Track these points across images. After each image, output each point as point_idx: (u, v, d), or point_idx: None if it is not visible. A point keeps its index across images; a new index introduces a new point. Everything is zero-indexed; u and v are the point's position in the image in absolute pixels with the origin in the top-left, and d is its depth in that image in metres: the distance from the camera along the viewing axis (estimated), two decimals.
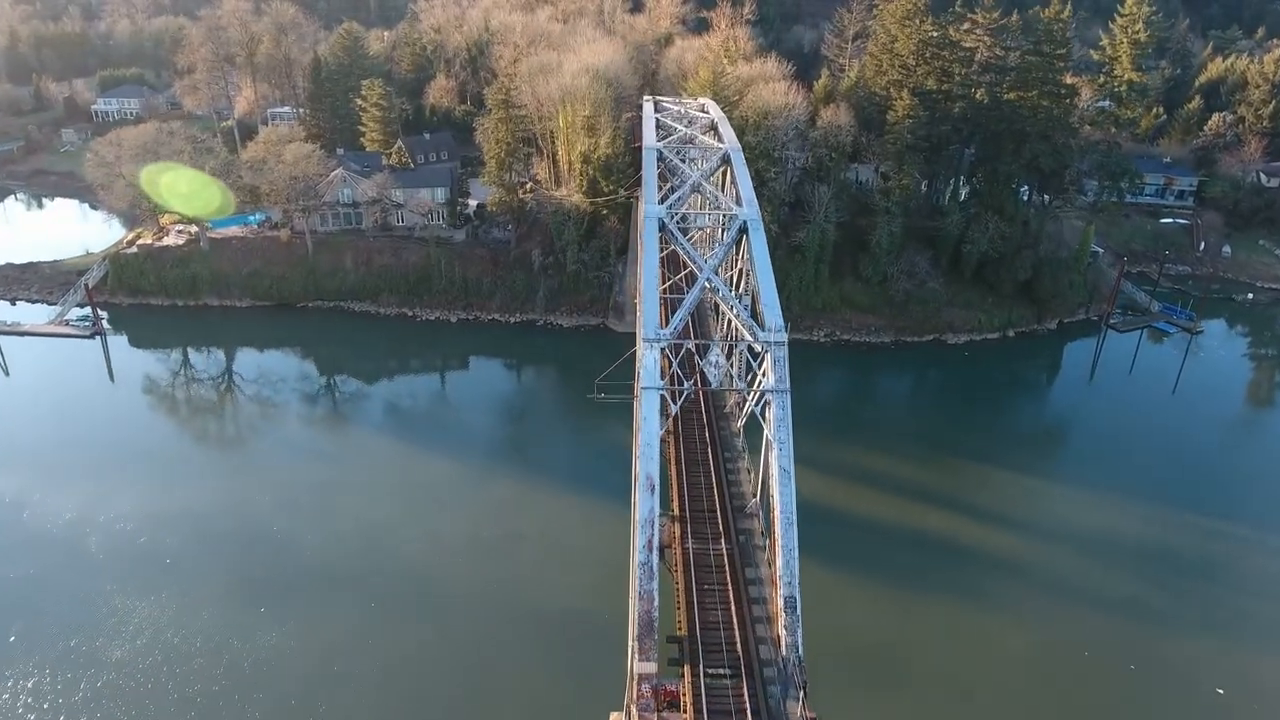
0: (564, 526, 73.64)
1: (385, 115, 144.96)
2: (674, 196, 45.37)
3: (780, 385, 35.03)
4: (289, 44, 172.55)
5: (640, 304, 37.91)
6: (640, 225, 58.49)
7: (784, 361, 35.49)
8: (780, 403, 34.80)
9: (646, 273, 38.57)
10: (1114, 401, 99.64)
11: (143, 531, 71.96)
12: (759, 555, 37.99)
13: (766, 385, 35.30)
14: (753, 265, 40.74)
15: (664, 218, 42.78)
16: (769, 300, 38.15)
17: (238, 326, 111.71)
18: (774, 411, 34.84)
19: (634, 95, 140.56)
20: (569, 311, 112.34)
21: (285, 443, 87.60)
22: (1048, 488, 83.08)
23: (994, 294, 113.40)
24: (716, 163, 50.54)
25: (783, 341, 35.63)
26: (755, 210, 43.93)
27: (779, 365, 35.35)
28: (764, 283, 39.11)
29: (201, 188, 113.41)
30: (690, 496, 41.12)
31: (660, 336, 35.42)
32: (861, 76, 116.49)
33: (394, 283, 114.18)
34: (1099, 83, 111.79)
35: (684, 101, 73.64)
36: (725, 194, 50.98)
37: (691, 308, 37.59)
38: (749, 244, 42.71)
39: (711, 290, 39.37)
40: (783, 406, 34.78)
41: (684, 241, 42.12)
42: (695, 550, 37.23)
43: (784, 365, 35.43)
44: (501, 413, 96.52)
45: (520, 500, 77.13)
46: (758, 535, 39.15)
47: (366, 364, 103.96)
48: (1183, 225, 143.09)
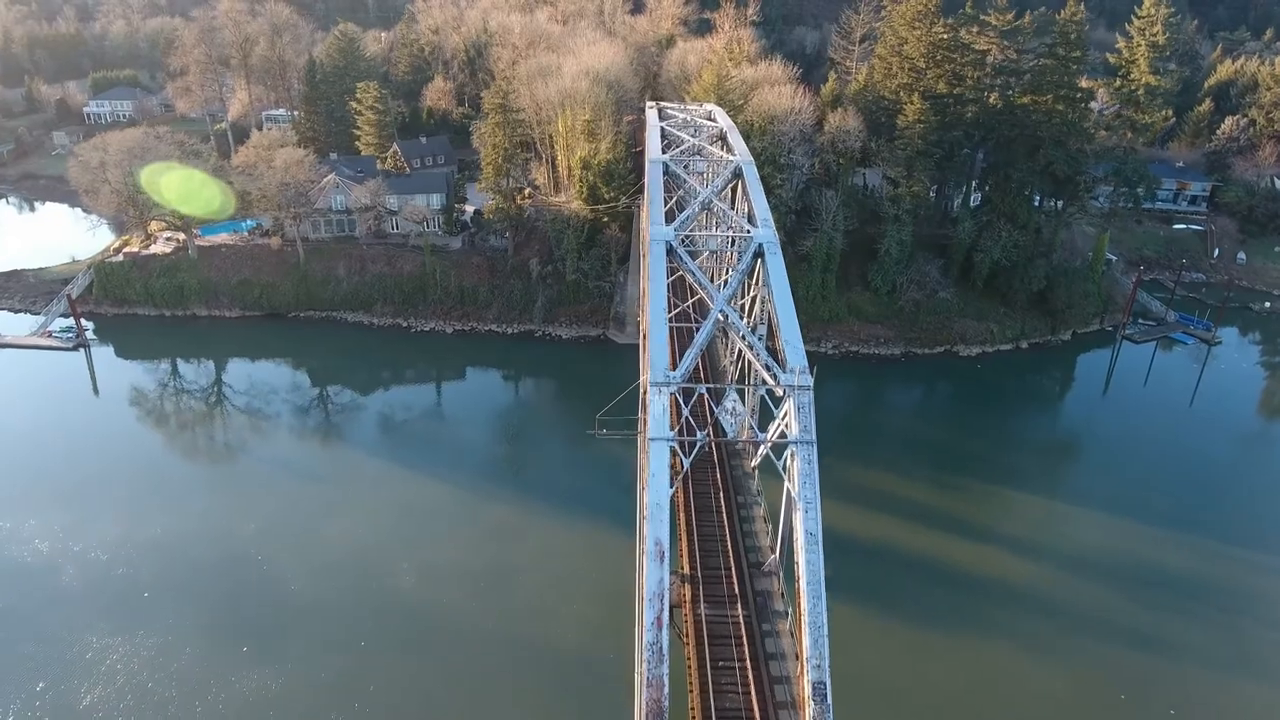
0: (564, 553, 69.58)
1: (380, 118, 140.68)
2: (682, 215, 41.19)
3: (805, 435, 30.90)
4: (283, 46, 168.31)
5: (645, 340, 33.74)
6: (643, 237, 54.31)
7: (809, 408, 31.35)
8: (805, 455, 30.66)
9: (653, 305, 34.41)
10: (1131, 416, 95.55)
11: (121, 560, 67.85)
12: (778, 620, 33.88)
13: (789, 435, 31.15)
14: (770, 294, 36.58)
15: (672, 241, 38.65)
16: (790, 336, 34.00)
17: (226, 337, 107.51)
18: (798, 465, 30.69)
19: (635, 98, 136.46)
20: (568, 322, 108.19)
21: (273, 462, 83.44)
22: (1067, 510, 78.87)
23: (1006, 304, 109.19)
24: (727, 177, 46.38)
25: (808, 386, 31.47)
26: (772, 231, 39.82)
27: (803, 413, 31.21)
28: (784, 315, 34.97)
29: (201, 186, 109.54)
30: (702, 550, 37.01)
31: (669, 380, 31.28)
32: (870, 80, 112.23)
33: (388, 292, 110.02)
34: (1115, 86, 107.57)
35: (689, 108, 69.49)
36: (737, 211, 46.86)
37: (704, 346, 33.45)
38: (765, 269, 38.60)
39: (726, 323, 35.25)
40: (808, 460, 30.65)
41: (694, 267, 37.98)
42: (709, 616, 33.12)
43: (809, 413, 31.29)
44: (498, 430, 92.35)
45: (518, 525, 73.02)
46: (777, 597, 35.02)
47: (359, 377, 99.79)
48: (1196, 231, 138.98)
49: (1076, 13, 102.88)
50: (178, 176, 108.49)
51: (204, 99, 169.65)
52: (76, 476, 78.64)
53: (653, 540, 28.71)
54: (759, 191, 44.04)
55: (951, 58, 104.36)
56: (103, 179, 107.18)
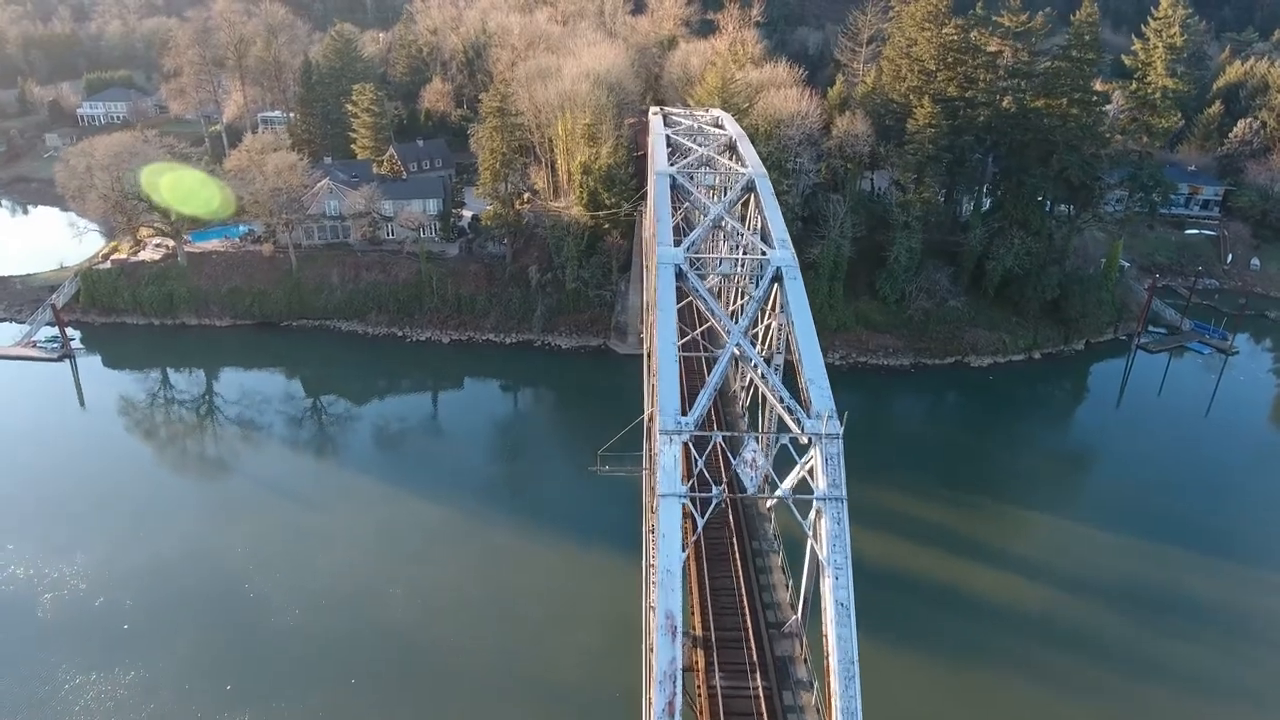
0: (565, 578, 66.04)
1: (377, 121, 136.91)
2: (692, 235, 37.60)
3: (834, 491, 27.34)
4: (279, 46, 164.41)
5: (654, 378, 30.17)
6: (649, 256, 50.84)
7: (839, 460, 27.79)
8: (835, 514, 27.11)
9: (661, 337, 30.83)
10: (1148, 429, 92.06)
11: (100, 590, 64.22)
12: (802, 692, 30.33)
13: (816, 490, 27.60)
14: (791, 325, 32.99)
15: (682, 264, 35.09)
16: (814, 374, 30.43)
17: (217, 347, 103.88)
18: (826, 525, 27.14)
19: (636, 100, 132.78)
20: (568, 331, 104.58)
21: (263, 480, 79.80)
22: (1084, 531, 75.11)
23: (1018, 313, 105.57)
24: (739, 191, 42.79)
25: (836, 434, 27.92)
26: (790, 253, 36.23)
27: (832, 465, 27.65)
28: (807, 350, 31.39)
29: (200, 186, 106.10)
30: (715, 606, 33.49)
31: (681, 427, 27.72)
32: (878, 82, 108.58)
33: (383, 300, 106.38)
34: (1131, 89, 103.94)
35: (695, 113, 65.91)
36: (749, 227, 43.28)
37: (718, 386, 29.90)
38: (784, 295, 35.01)
39: (742, 357, 31.68)
40: (838, 519, 27.10)
41: (706, 293, 34.41)
42: (725, 688, 29.59)
43: (839, 465, 27.73)
44: (496, 446, 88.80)
45: (517, 548, 69.44)
46: (800, 663, 31.50)
47: (352, 390, 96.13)
48: (1209, 237, 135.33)
49: (1091, 14, 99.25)
50: (176, 177, 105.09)
51: (198, 100, 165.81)
52: (57, 496, 75.11)
53: (663, 612, 25.19)
54: (774, 207, 40.45)
55: (963, 60, 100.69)
56: (89, 184, 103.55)
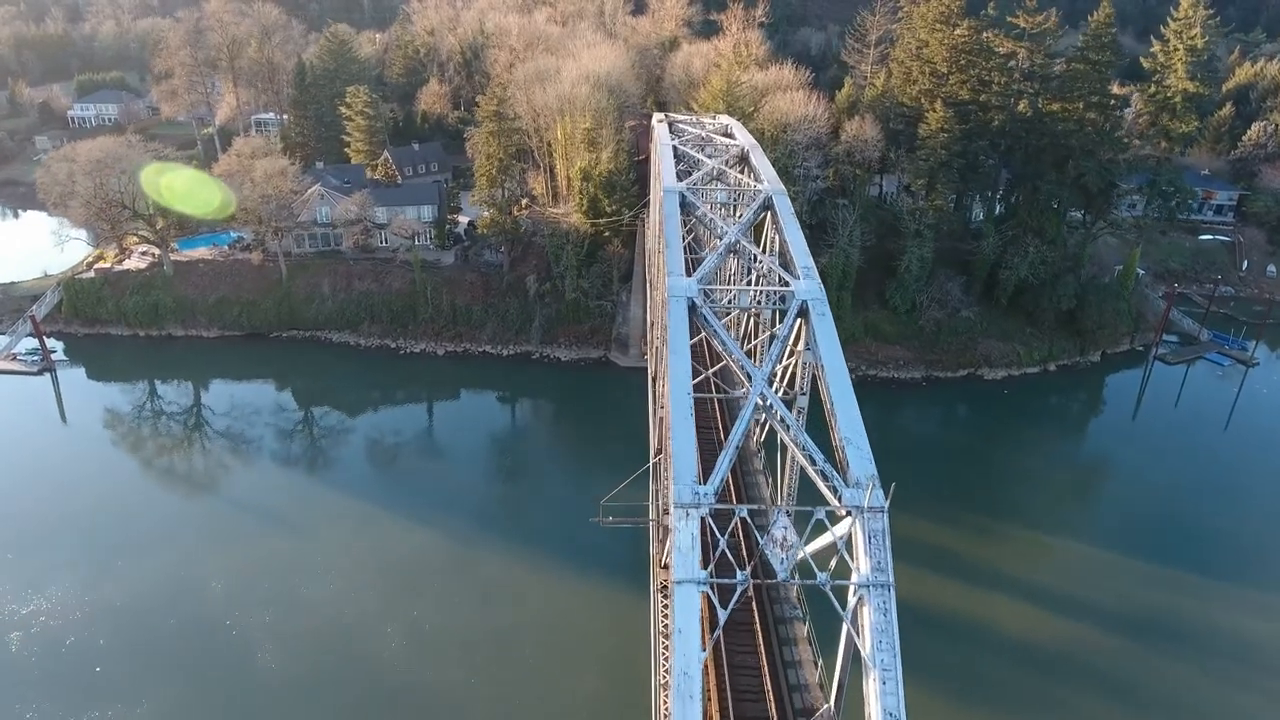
0: (569, 614, 61.76)
1: (371, 124, 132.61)
2: (706, 263, 33.34)
3: (879, 576, 23.09)
4: (273, 48, 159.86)
5: (666, 440, 25.91)
6: (658, 289, 46.66)
7: (884, 538, 23.56)
8: (880, 604, 22.85)
9: (674, 386, 26.54)
10: (1172, 444, 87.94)
11: (73, 628, 59.93)
12: None
13: (857, 574, 23.37)
14: (821, 369, 28.74)
15: (696, 298, 30.83)
16: (850, 430, 26.19)
17: (203, 360, 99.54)
18: (870, 616, 22.86)
19: (637, 103, 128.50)
20: (568, 343, 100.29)
21: (249, 505, 75.32)
22: (1107, 558, 70.80)
23: (1033, 323, 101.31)
24: (755, 211, 38.51)
25: (881, 508, 23.70)
26: (817, 284, 31.97)
27: (876, 544, 23.39)
28: (840, 401, 27.15)
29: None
30: (735, 688, 29.29)
31: (699, 500, 23.47)
32: (888, 85, 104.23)
33: (376, 311, 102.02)
34: (1149, 92, 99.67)
35: (702, 120, 61.63)
36: (766, 250, 39.02)
37: (740, 445, 25.67)
38: (811, 333, 30.75)
39: (766, 410, 27.46)
40: (884, 610, 22.83)
41: (723, 332, 30.15)
42: None
43: (884, 544, 23.49)
44: (493, 467, 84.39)
45: (517, 581, 65.02)
46: None
47: (343, 406, 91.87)
48: (1224, 243, 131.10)
49: (1108, 14, 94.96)
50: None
51: (190, 103, 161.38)
52: (32, 521, 70.88)
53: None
54: (796, 228, 36.17)
55: (976, 62, 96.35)
56: (71, 190, 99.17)
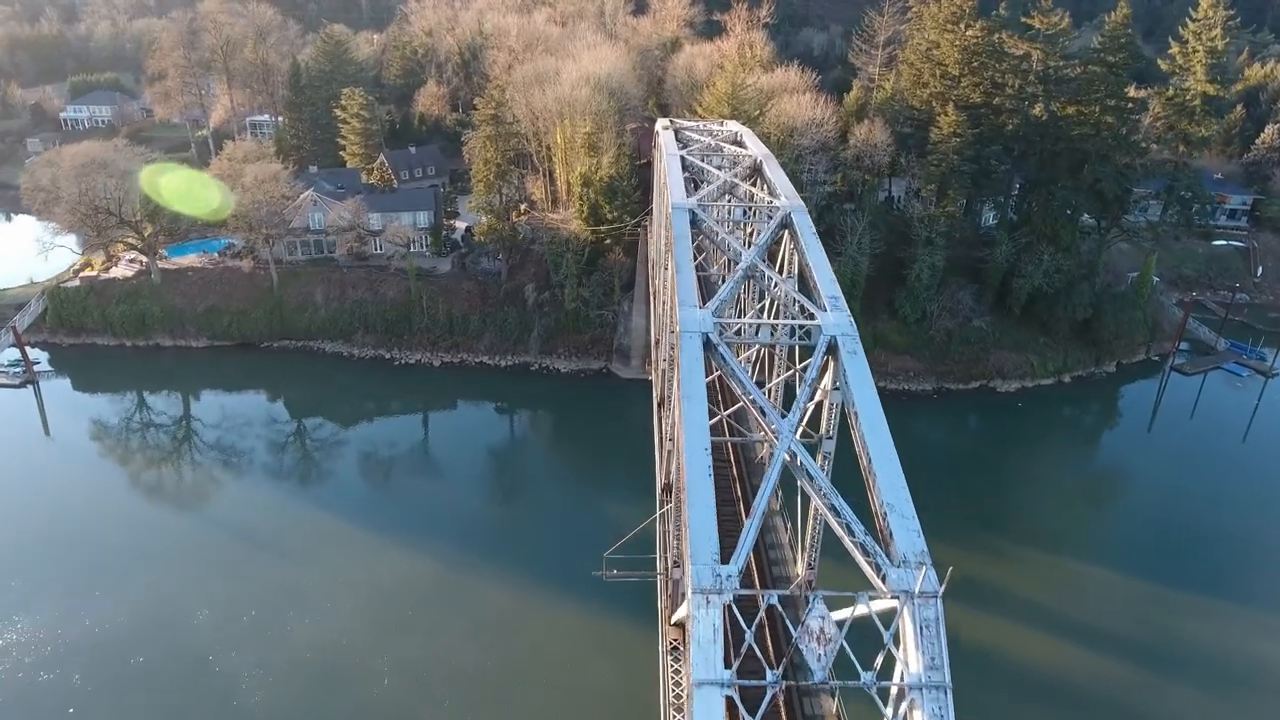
0: (571, 646, 58.07)
1: (366, 127, 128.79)
2: (722, 292, 29.64)
3: (934, 676, 19.40)
4: (267, 49, 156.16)
5: (680, 496, 22.26)
6: (673, 323, 43.16)
7: (938, 628, 19.88)
8: (935, 708, 19.15)
9: (690, 446, 22.86)
10: (1191, 457, 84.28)
11: (47, 663, 56.22)
12: None
13: (908, 674, 19.69)
14: (856, 418, 25.05)
15: (712, 333, 27.15)
16: (893, 494, 22.49)
17: (192, 371, 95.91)
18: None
19: (639, 106, 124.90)
20: (567, 354, 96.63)
21: (237, 527, 71.52)
22: (1128, 584, 67.30)
23: (1047, 333, 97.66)
24: (773, 230, 34.80)
25: (935, 594, 20.04)
26: (847, 317, 28.42)
27: (929, 636, 19.70)
28: (881, 459, 23.42)
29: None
30: None
31: (722, 584, 19.79)
32: (897, 88, 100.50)
33: (370, 320, 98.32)
34: (1167, 95, 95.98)
35: (709, 127, 57.97)
36: (783, 272, 35.35)
37: (765, 512, 22.00)
38: (842, 375, 27.04)
39: (795, 469, 23.78)
40: (940, 715, 19.17)
41: (742, 373, 26.48)
42: None
43: (938, 635, 19.80)
44: (492, 485, 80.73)
45: (516, 611, 61.23)
46: None
47: (336, 420, 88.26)
48: (1238, 248, 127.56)
49: (1126, 15, 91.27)
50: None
51: (184, 104, 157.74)
52: (6, 546, 67.32)
53: None
54: (819, 251, 32.49)
55: (989, 64, 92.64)
56: (55, 196, 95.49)
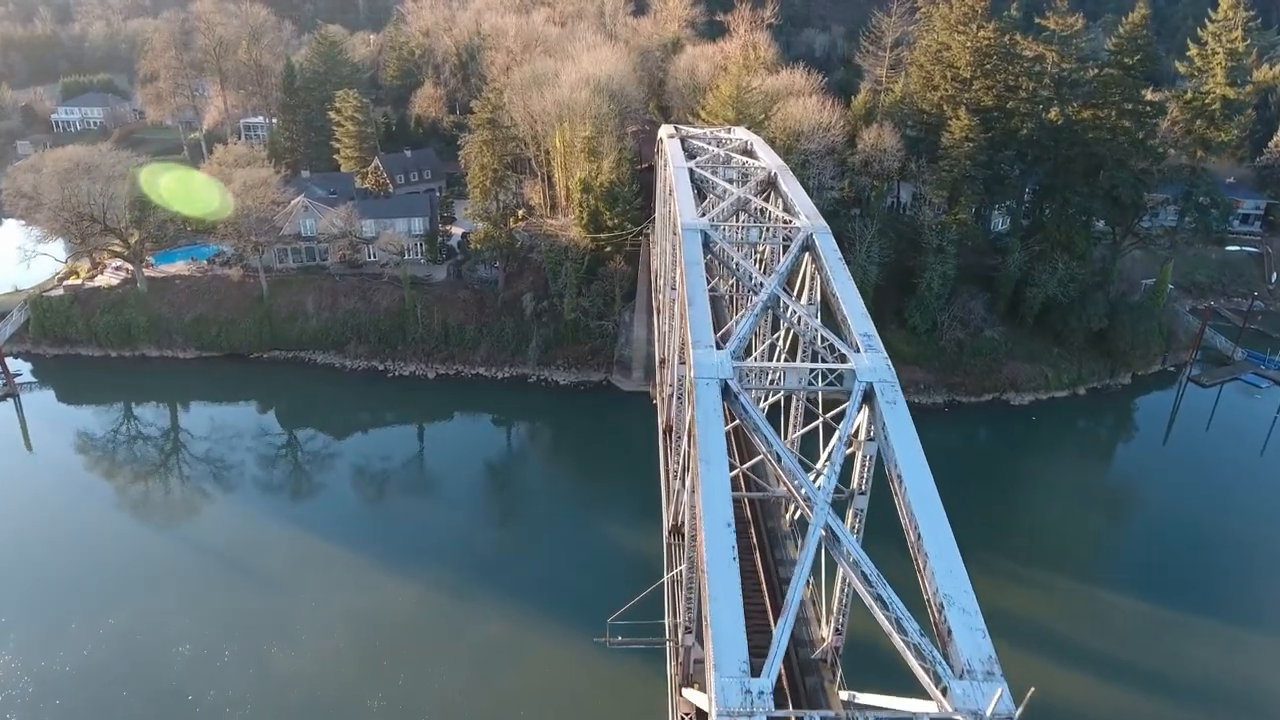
0: (573, 681, 54.57)
1: (361, 130, 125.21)
2: (740, 329, 26.04)
3: None
4: (261, 50, 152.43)
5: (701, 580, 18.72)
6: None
7: None
8: None
9: (710, 521, 19.29)
10: (1209, 472, 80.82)
11: (16, 704, 52.76)
12: None
13: None
14: (899, 482, 21.51)
15: (731, 380, 23.55)
16: (952, 586, 18.87)
17: (178, 382, 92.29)
18: None
19: (639, 108, 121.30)
20: (566, 365, 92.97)
21: (221, 551, 67.80)
22: (1157, 614, 64.00)
23: (1060, 343, 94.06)
24: (794, 254, 31.15)
25: (1011, 716, 16.48)
26: (884, 360, 24.93)
27: None
28: (932, 536, 19.89)
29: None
30: None
31: (753, 704, 16.21)
32: (906, 90, 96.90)
33: (363, 330, 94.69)
34: (1185, 99, 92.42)
35: (716, 134, 54.37)
36: (803, 299, 31.74)
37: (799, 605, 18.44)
38: (878, 427, 23.46)
39: (833, 545, 20.23)
40: None
41: (766, 426, 22.91)
42: None
43: None
44: (488, 505, 77.09)
45: (514, 643, 57.73)
46: None
47: (326, 435, 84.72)
48: (1251, 254, 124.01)
49: (1144, 15, 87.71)
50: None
51: (176, 106, 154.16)
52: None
53: None
54: (847, 281, 28.80)
55: (1003, 67, 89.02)
56: (37, 203, 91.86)
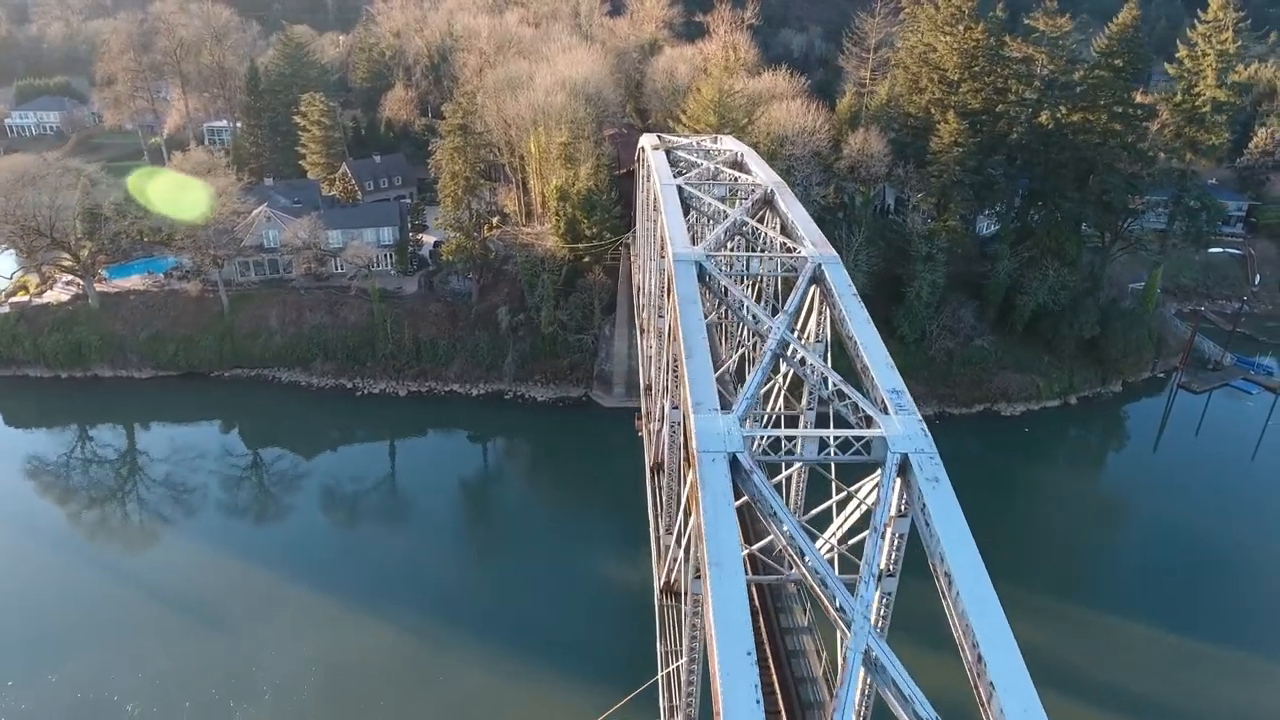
0: None
1: (328, 135, 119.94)
2: (750, 386, 22.18)
3: None
4: (224, 51, 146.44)
5: None
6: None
7: None
8: None
9: (725, 650, 15.45)
10: (1201, 479, 78.62)
11: None
12: None
13: None
14: (951, 584, 17.72)
15: (740, 454, 19.64)
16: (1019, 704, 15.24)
17: (133, 404, 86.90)
18: None
19: (617, 111, 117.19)
20: (544, 381, 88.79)
21: (176, 590, 62.58)
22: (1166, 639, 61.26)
23: (1051, 352, 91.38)
24: (802, 290, 27.24)
25: None
26: (918, 424, 21.12)
27: None
28: (995, 648, 16.15)
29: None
30: None
31: None
32: (892, 93, 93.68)
33: (329, 346, 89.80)
34: (1175, 101, 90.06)
35: (704, 145, 50.45)
36: (811, 336, 27.90)
37: None
38: (916, 508, 19.68)
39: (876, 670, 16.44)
40: None
41: (784, 510, 19.03)
42: None
43: None
44: (462, 536, 72.39)
45: (491, 694, 53.48)
46: None
47: (290, 460, 79.88)
48: (1234, 256, 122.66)
49: (1134, 15, 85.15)
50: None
51: (135, 110, 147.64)
52: None
53: None
54: (866, 324, 25.02)
55: (992, 69, 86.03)
56: None
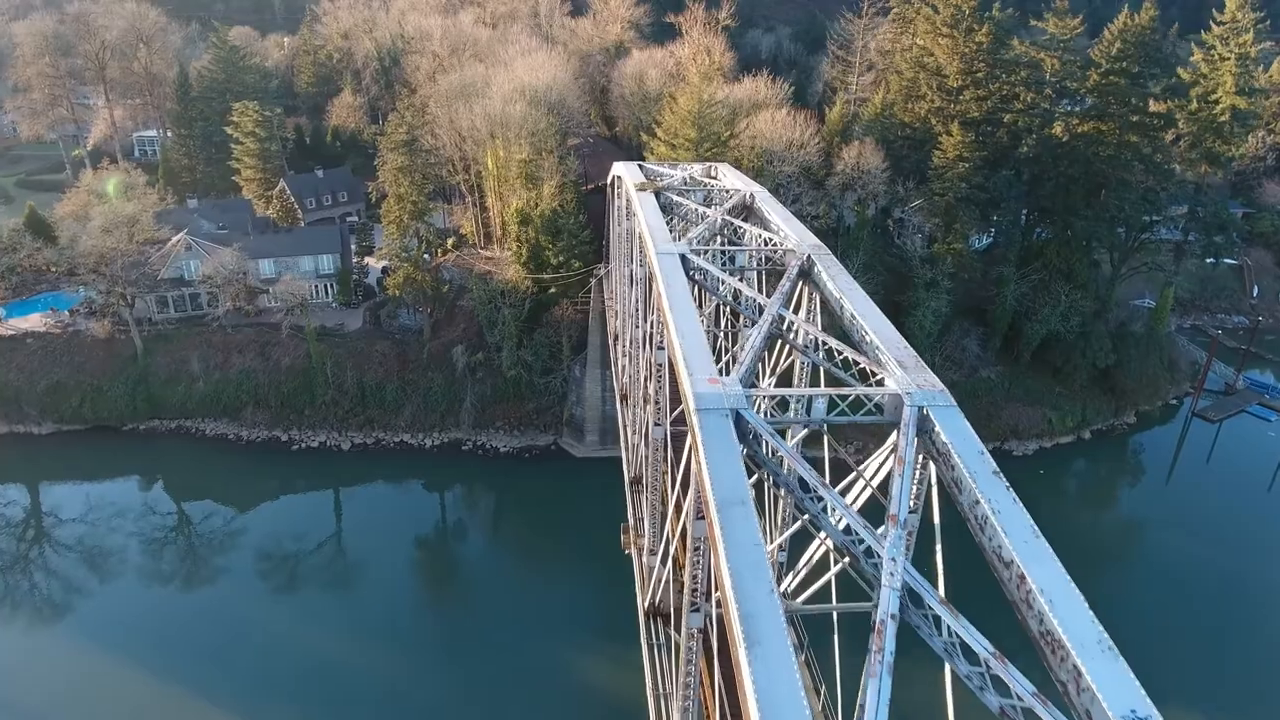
0: None
1: (264, 148, 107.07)
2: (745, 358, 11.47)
3: None
4: (151, 56, 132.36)
5: None
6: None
7: None
8: None
9: None
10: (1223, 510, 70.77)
11: None
12: None
13: None
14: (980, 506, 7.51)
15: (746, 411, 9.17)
16: None
17: (28, 466, 74.15)
18: None
19: (583, 120, 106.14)
20: (508, 428, 77.79)
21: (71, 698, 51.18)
22: None
23: (1061, 381, 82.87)
24: (793, 280, 16.14)
25: None
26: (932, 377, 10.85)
27: None
28: None
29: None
30: None
31: None
32: (887, 102, 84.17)
33: (261, 393, 77.78)
34: (1191, 110, 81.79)
35: (695, 176, 39.97)
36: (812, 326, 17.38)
37: None
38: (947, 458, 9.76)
39: None
40: None
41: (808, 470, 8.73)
42: None
43: None
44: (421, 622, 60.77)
45: None
46: None
47: (212, 525, 68.03)
48: (1231, 266, 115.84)
49: (1151, 16, 76.58)
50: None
51: (53, 120, 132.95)
52: None
53: None
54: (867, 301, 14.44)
55: (997, 75, 76.83)
56: None
